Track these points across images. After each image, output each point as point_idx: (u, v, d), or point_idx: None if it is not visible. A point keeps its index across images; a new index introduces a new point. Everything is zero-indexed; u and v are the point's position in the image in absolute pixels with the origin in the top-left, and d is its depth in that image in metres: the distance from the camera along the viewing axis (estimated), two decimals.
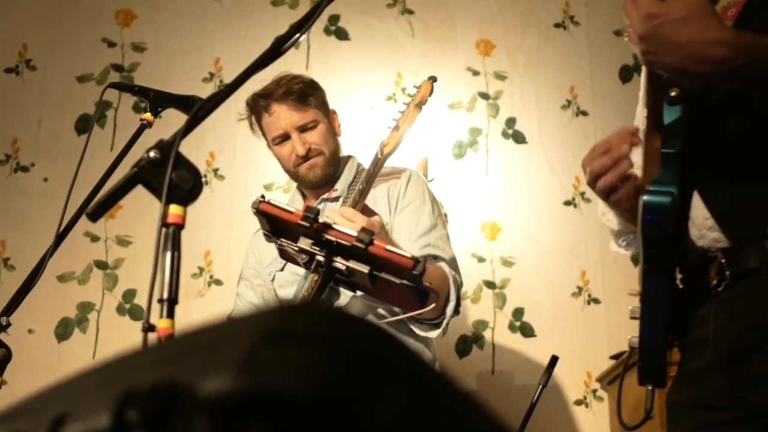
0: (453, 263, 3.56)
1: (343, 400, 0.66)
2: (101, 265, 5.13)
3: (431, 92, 3.27)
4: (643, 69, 1.94)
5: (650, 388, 2.14)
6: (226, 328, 0.76)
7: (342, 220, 3.18)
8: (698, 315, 2.12)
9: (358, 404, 0.66)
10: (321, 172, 3.71)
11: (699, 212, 2.07)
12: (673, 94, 2.06)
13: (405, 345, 0.74)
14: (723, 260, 2.05)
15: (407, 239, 3.51)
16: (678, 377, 2.18)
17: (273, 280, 3.76)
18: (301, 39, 1.82)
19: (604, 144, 2.13)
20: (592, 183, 2.15)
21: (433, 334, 3.48)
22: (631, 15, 1.78)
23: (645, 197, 1.96)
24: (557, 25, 5.68)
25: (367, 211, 3.30)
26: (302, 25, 1.79)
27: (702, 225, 2.06)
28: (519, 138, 5.46)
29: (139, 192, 1.65)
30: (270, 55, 1.77)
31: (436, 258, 3.50)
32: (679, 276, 2.09)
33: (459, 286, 3.50)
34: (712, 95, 2.07)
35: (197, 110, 1.71)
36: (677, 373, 2.18)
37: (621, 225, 2.32)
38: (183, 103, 3.24)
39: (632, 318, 2.11)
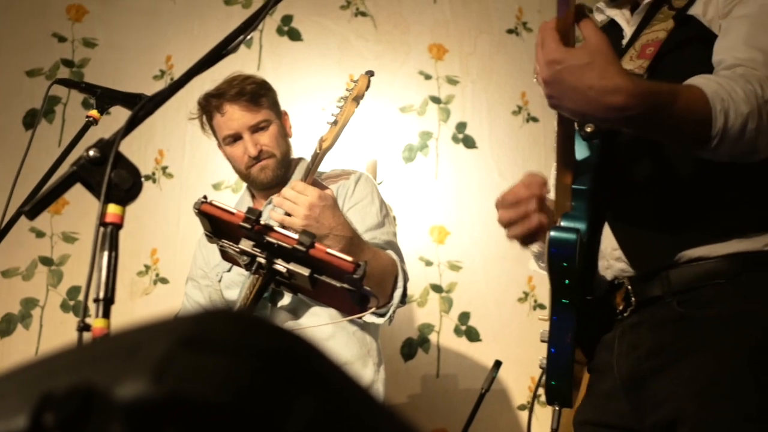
0: (400, 257, 3.58)
1: (256, 409, 0.66)
2: (46, 261, 5.09)
3: (368, 86, 3.30)
4: None
5: (557, 408, 2.26)
6: (146, 332, 0.76)
7: (293, 193, 3.19)
8: (604, 340, 2.25)
9: (271, 413, 0.66)
10: (272, 174, 3.71)
11: (608, 243, 2.18)
12: (588, 129, 2.14)
13: (322, 355, 0.74)
14: (629, 287, 2.17)
15: None
16: (587, 397, 2.29)
17: (220, 280, 3.76)
18: (249, 38, 1.82)
19: (513, 195, 2.22)
20: (504, 226, 2.25)
21: (379, 321, 3.49)
22: (538, 58, 1.82)
23: (552, 233, 2.04)
24: (510, 31, 5.70)
25: (319, 186, 3.31)
26: (246, 27, 1.79)
27: (610, 256, 2.17)
28: (469, 142, 5.47)
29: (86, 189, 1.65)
30: (213, 57, 1.77)
31: (382, 248, 3.52)
32: (587, 300, 2.16)
33: (406, 277, 3.52)
34: (624, 132, 2.13)
35: (138, 110, 1.70)
36: (586, 393, 2.28)
37: (540, 248, 2.40)
38: (130, 101, 3.22)
39: (542, 341, 2.22)
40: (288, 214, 3.12)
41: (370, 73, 3.33)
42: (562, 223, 2.09)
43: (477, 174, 5.42)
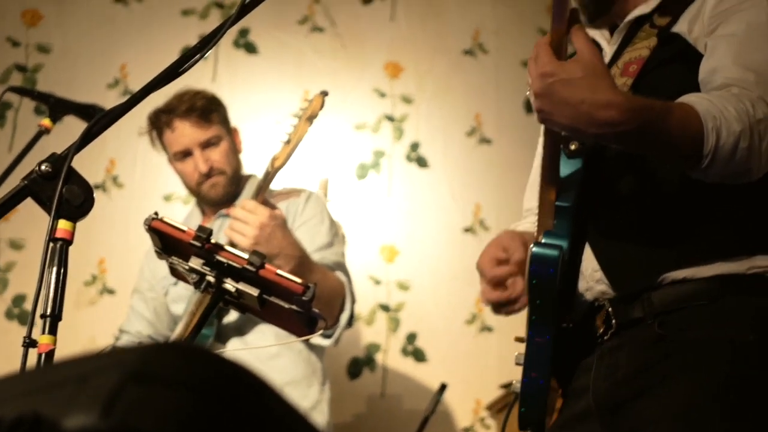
0: (348, 278, 3.59)
1: None
2: None
3: (322, 106, 3.31)
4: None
5: None
6: (96, 363, 0.75)
7: (244, 213, 3.19)
8: (583, 364, 2.20)
9: None
10: (222, 191, 3.71)
11: (589, 264, 2.15)
12: (572, 147, 2.11)
13: (266, 385, 0.74)
14: (610, 309, 2.13)
15: None
16: (557, 421, 2.24)
17: (166, 294, 3.75)
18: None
19: (498, 274, 2.21)
20: (491, 284, 2.23)
21: (326, 343, 3.50)
22: (531, 72, 1.81)
23: (534, 249, 2.02)
24: (466, 52, 5.72)
25: (269, 206, 3.32)
26: (203, 46, 1.79)
27: (591, 277, 2.14)
28: (422, 162, 5.49)
29: None
30: (169, 75, 1.76)
31: (331, 269, 3.52)
32: (566, 325, 2.15)
33: (353, 299, 3.53)
34: (610, 150, 2.12)
35: (92, 125, 1.70)
36: (557, 417, 2.24)
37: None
38: (84, 111, 3.21)
39: (517, 364, 2.18)
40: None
41: (325, 93, 3.34)
42: (544, 240, 2.06)
43: (429, 194, 5.43)
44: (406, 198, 5.41)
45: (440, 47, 5.72)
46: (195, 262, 2.08)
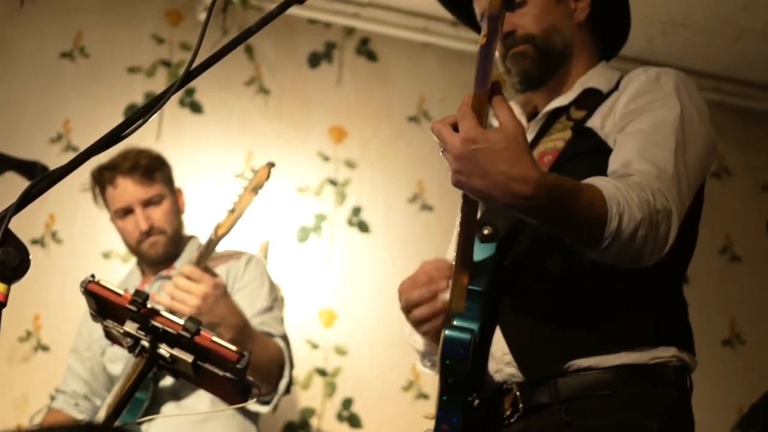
0: (287, 344, 3.58)
1: None
2: None
3: (268, 177, 3.33)
4: (460, 205, 2.02)
5: None
6: None
7: (187, 283, 3.18)
8: None
9: None
10: (162, 250, 3.71)
11: (499, 347, 2.20)
12: (486, 232, 2.19)
13: None
14: (518, 393, 2.19)
15: None
16: None
17: (103, 353, 3.72)
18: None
19: (425, 275, 2.25)
20: (407, 310, 2.27)
21: (264, 409, 3.49)
22: (448, 136, 1.85)
23: (447, 332, 2.08)
24: (411, 119, 5.76)
25: (211, 274, 3.31)
26: (147, 111, 1.79)
27: (500, 359, 2.19)
28: (363, 227, 5.50)
29: None
30: (112, 138, 1.77)
31: (271, 335, 3.52)
32: (474, 402, 2.18)
33: (292, 365, 3.53)
34: (522, 237, 2.18)
35: (31, 187, 1.69)
36: None
37: (426, 347, 2.41)
38: (25, 168, 3.19)
39: None
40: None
41: (271, 164, 3.36)
42: (456, 323, 2.11)
43: (369, 259, 5.44)
44: (346, 262, 5.41)
45: (385, 113, 5.75)
46: (130, 326, 2.07)
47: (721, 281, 6.05)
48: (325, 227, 5.45)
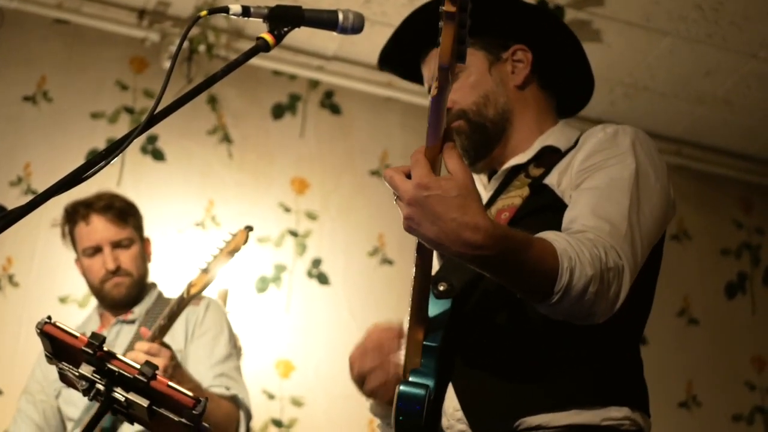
0: (245, 397, 3.56)
1: None
2: None
3: (246, 241, 3.32)
4: (414, 259, 2.02)
5: None
6: None
7: (145, 358, 3.15)
8: None
9: None
10: (125, 292, 3.70)
11: (450, 403, 2.18)
12: (441, 288, 2.18)
13: None
14: None
15: (202, 366, 3.52)
16: None
17: (58, 395, 3.68)
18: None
19: (374, 341, 2.25)
20: (360, 382, 2.27)
21: None
22: (400, 182, 1.84)
23: (401, 387, 2.07)
24: (373, 173, 5.79)
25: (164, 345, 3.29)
26: (109, 153, 1.79)
27: (452, 416, 2.17)
28: (323, 279, 5.50)
29: None
30: (72, 180, 1.76)
31: (229, 389, 3.50)
32: None
33: (249, 416, 3.51)
34: (477, 293, 2.18)
35: None
36: None
37: (383, 409, 2.38)
38: None
39: None
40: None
41: (249, 228, 3.36)
42: (411, 379, 2.09)
43: (328, 311, 5.43)
44: (305, 314, 5.40)
45: (347, 166, 5.78)
46: (86, 369, 2.05)
47: (679, 343, 6.09)
48: (284, 278, 5.44)
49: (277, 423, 5.15)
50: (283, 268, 5.46)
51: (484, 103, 2.44)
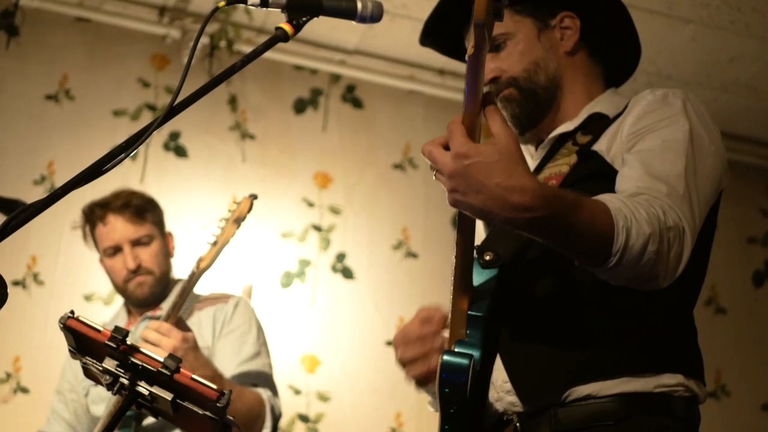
0: (273, 391, 3.54)
1: None
2: None
3: (250, 209, 3.32)
4: (456, 227, 1.97)
5: None
6: None
7: (156, 336, 3.15)
8: None
9: None
10: (149, 290, 3.68)
11: (499, 375, 2.13)
12: (487, 258, 2.11)
13: None
14: (518, 424, 2.11)
15: (230, 364, 3.50)
16: None
17: (87, 395, 3.68)
18: (134, 152, 1.81)
19: (416, 331, 2.18)
20: (403, 365, 2.21)
21: None
22: (439, 155, 1.80)
23: (444, 357, 1.99)
24: (396, 166, 5.77)
25: (182, 326, 3.27)
26: (128, 146, 1.78)
27: (501, 388, 2.12)
28: (347, 273, 5.49)
29: None
30: (93, 172, 1.75)
31: (256, 385, 3.48)
32: None
33: (277, 414, 3.48)
34: (524, 263, 2.13)
35: (10, 220, 1.67)
36: None
37: (427, 390, 2.34)
38: (6, 206, 3.18)
39: None
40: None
41: (253, 197, 3.35)
42: (456, 349, 2.03)
43: (352, 305, 5.42)
44: (329, 308, 5.39)
45: (370, 160, 5.76)
46: (109, 363, 2.04)
47: (707, 333, 5.96)
48: (309, 273, 5.43)
49: (304, 418, 5.14)
50: (308, 263, 5.45)
51: (534, 70, 2.40)
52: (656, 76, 5.82)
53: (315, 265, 5.46)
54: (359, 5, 2.11)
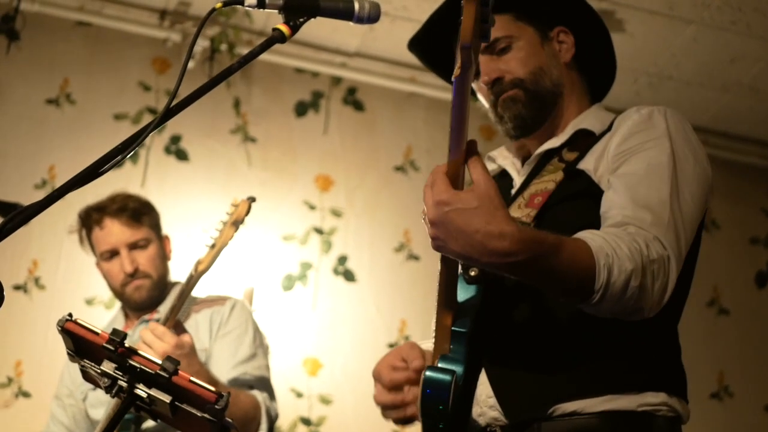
0: (269, 394, 3.53)
1: None
2: None
3: (248, 211, 3.32)
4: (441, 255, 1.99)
5: None
6: None
7: (151, 337, 3.14)
8: None
9: None
10: (146, 294, 3.68)
11: (483, 390, 2.15)
12: (472, 273, 2.13)
13: None
14: None
15: (225, 365, 3.49)
16: None
17: (85, 399, 3.67)
18: (133, 154, 1.80)
19: (390, 379, 2.26)
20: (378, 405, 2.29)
21: None
22: (426, 200, 1.83)
23: (427, 372, 2.01)
24: (397, 169, 5.77)
25: (179, 329, 3.27)
26: (125, 148, 1.78)
27: (484, 403, 2.14)
28: (349, 276, 5.48)
29: None
30: (90, 174, 1.74)
31: (252, 387, 3.47)
32: None
33: (273, 417, 3.47)
34: (509, 279, 2.14)
35: (6, 222, 1.66)
36: None
37: None
38: (5, 209, 3.18)
39: None
40: None
41: (252, 199, 3.35)
42: (439, 364, 2.05)
43: (354, 308, 5.42)
44: (331, 311, 5.39)
45: (371, 162, 5.76)
46: (107, 366, 2.04)
47: (710, 334, 6.04)
48: (310, 276, 5.43)
49: (306, 421, 5.14)
50: (309, 265, 5.45)
51: (540, 74, 2.42)
52: (657, 76, 5.82)
53: (316, 268, 5.45)
54: (356, 6, 2.11)
